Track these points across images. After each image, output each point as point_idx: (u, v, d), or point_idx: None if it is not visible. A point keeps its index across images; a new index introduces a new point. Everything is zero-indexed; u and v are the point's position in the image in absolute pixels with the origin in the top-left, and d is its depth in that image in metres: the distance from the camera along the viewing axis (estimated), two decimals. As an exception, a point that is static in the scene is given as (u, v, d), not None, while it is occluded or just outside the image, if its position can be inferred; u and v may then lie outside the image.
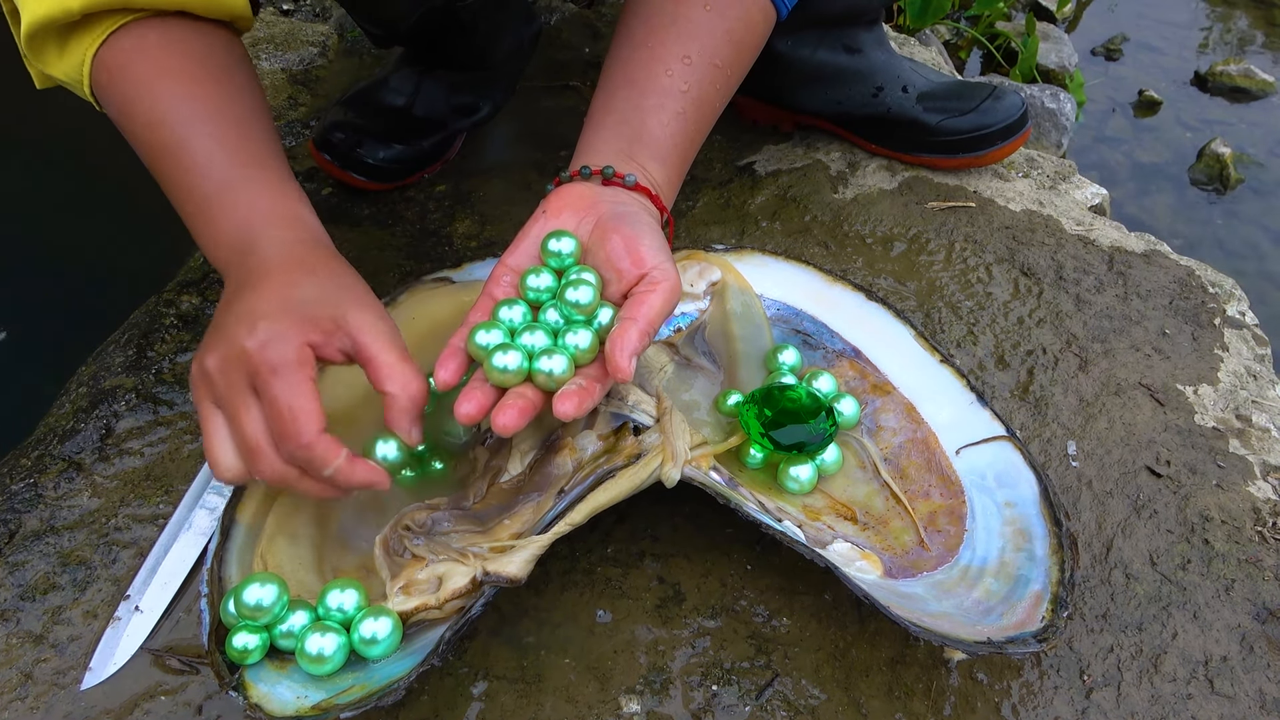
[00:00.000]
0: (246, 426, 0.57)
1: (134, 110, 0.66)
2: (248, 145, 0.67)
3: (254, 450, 0.57)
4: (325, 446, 0.57)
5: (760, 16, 0.75)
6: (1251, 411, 0.83)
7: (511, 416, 0.58)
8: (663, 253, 0.64)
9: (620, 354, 0.59)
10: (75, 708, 0.63)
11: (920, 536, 0.68)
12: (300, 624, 0.60)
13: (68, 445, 0.78)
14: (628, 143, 0.70)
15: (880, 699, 0.64)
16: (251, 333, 0.57)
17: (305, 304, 0.60)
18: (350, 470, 0.58)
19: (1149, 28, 2.02)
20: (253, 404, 0.58)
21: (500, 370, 0.60)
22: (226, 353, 0.58)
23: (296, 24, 1.29)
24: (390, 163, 1.00)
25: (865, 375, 0.77)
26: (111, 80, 0.66)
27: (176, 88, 0.66)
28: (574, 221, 0.67)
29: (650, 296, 0.61)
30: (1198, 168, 1.69)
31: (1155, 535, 0.73)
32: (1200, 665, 0.66)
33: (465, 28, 0.94)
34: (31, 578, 0.69)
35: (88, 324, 0.62)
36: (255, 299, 0.60)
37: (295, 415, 0.56)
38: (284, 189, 0.67)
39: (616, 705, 0.63)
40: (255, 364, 0.57)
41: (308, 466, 0.58)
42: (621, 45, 0.74)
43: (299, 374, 0.57)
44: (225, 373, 0.58)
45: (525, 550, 0.61)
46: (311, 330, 0.59)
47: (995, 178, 1.04)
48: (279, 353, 0.57)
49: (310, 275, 0.62)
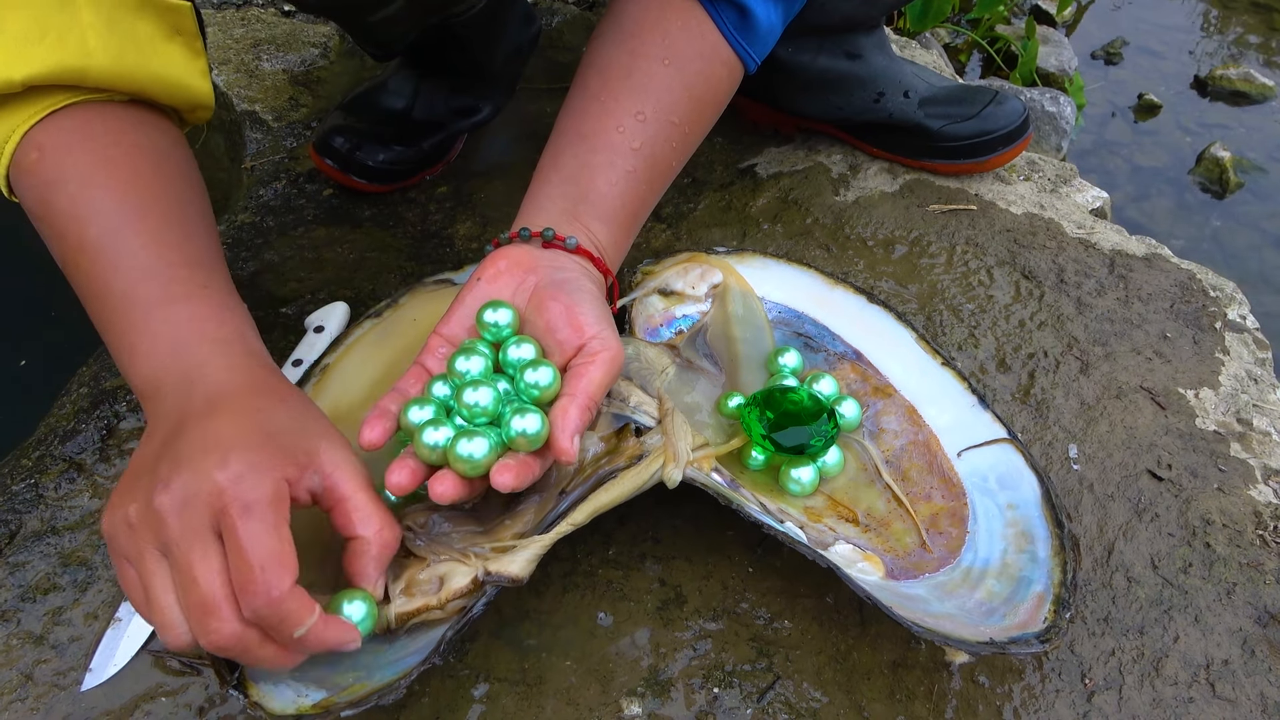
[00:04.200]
0: (202, 577, 0.48)
1: (58, 200, 0.58)
2: (188, 256, 0.59)
3: (209, 607, 0.48)
4: (299, 602, 0.49)
5: (724, 72, 0.72)
6: (1252, 415, 0.83)
7: (448, 486, 0.56)
8: (602, 320, 0.62)
9: (562, 434, 0.57)
10: (75, 709, 0.63)
11: (922, 538, 0.68)
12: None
13: (69, 445, 0.77)
14: (573, 202, 0.68)
15: (882, 702, 0.64)
16: (223, 465, 0.49)
17: (279, 435, 0.53)
18: (323, 629, 0.51)
19: (1149, 31, 2.02)
20: (213, 550, 0.49)
21: (430, 447, 0.58)
22: (188, 489, 0.49)
23: (298, 25, 1.29)
24: (391, 165, 1.00)
25: (867, 378, 0.77)
26: (41, 161, 0.58)
27: (113, 180, 0.59)
28: (510, 288, 0.64)
29: (590, 369, 0.60)
30: (1197, 171, 1.70)
31: (1156, 538, 0.73)
32: (1202, 669, 0.66)
33: (463, 41, 0.94)
34: (32, 578, 0.69)
35: (88, 324, 0.61)
36: (219, 426, 0.52)
37: (268, 563, 0.48)
38: (229, 305, 0.60)
39: (618, 708, 0.63)
40: (226, 500, 0.49)
41: (276, 626, 0.49)
42: (575, 97, 0.72)
43: (275, 514, 0.50)
44: (183, 512, 0.49)
45: (527, 550, 0.61)
46: (288, 465, 0.52)
47: (996, 181, 1.04)
48: (255, 488, 0.49)
49: (280, 403, 0.55)
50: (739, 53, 0.73)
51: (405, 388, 0.62)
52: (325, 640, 0.51)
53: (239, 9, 1.32)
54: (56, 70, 0.56)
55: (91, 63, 0.57)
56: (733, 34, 0.71)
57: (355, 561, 0.55)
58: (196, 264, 0.60)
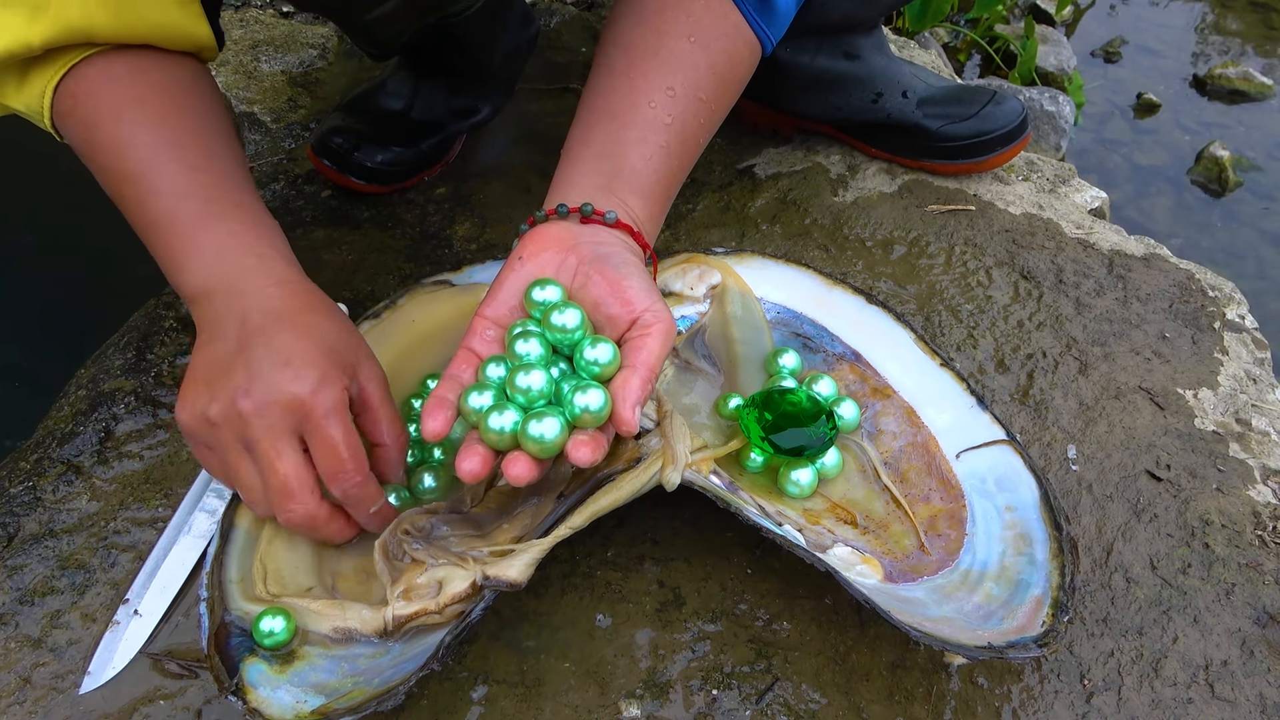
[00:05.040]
0: (283, 467, 0.59)
1: (97, 137, 0.65)
2: (220, 177, 0.67)
3: (288, 490, 0.59)
4: (375, 485, 0.62)
5: (746, 51, 0.73)
6: (1251, 415, 0.83)
7: (523, 468, 0.58)
8: (652, 293, 0.62)
9: (624, 405, 0.58)
10: (74, 712, 0.63)
11: (920, 540, 0.68)
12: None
13: (67, 448, 0.77)
14: (607, 178, 0.68)
15: (881, 703, 0.64)
16: (298, 378, 0.59)
17: (334, 349, 0.62)
18: (387, 510, 0.64)
19: (1148, 30, 2.02)
20: (290, 446, 0.59)
21: (497, 433, 0.58)
22: (266, 395, 0.59)
23: (296, 26, 1.29)
24: (389, 165, 1.00)
25: (865, 379, 0.77)
26: (76, 107, 0.65)
27: (143, 115, 0.65)
28: (554, 266, 0.64)
29: (648, 341, 0.60)
30: (1196, 171, 1.70)
31: (1155, 539, 0.73)
32: (1201, 670, 0.66)
33: (460, 41, 0.94)
34: (30, 581, 0.69)
35: (87, 326, 0.62)
36: (286, 342, 0.61)
37: (354, 454, 0.60)
38: (262, 220, 0.68)
39: (616, 709, 0.63)
40: (309, 409, 0.59)
41: (357, 503, 0.62)
42: (601, 75, 0.72)
43: (348, 417, 0.61)
44: (264, 415, 0.59)
45: (526, 554, 0.61)
46: (345, 375, 0.62)
47: (995, 181, 1.04)
48: (329, 397, 0.60)
49: (328, 319, 0.65)
50: (758, 33, 0.74)
51: (458, 374, 0.62)
52: (386, 518, 0.64)
53: (237, 10, 1.32)
54: (65, 32, 0.62)
55: (94, 22, 0.62)
56: (753, 14, 0.72)
57: (381, 464, 0.65)
58: (229, 184, 0.67)
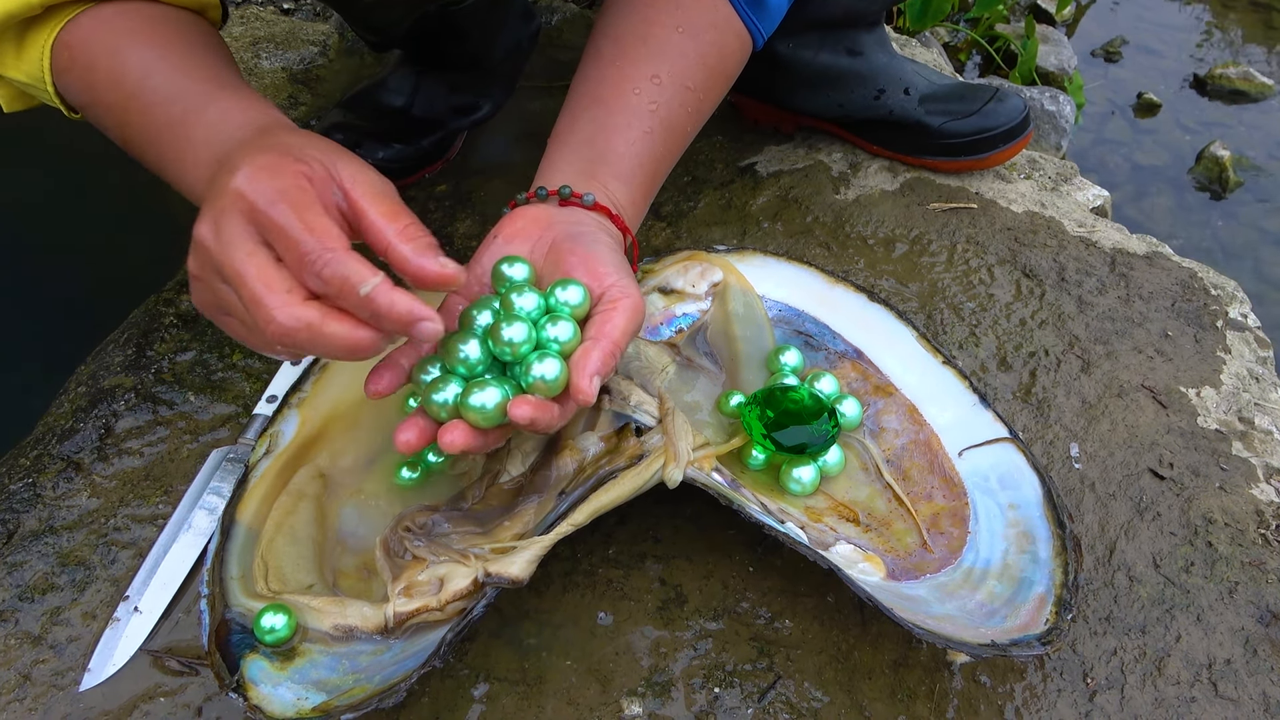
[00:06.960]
0: (247, 274, 0.49)
1: (96, 78, 0.63)
2: (213, 73, 0.63)
3: (257, 300, 0.49)
4: (360, 262, 0.49)
5: (736, 43, 0.73)
6: (1254, 414, 0.83)
7: (457, 435, 0.56)
8: (621, 270, 0.62)
9: (581, 375, 0.56)
10: (74, 709, 0.62)
11: (923, 538, 0.68)
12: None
13: (67, 445, 0.77)
14: (590, 162, 0.68)
15: (883, 701, 0.64)
16: (235, 175, 0.51)
17: (291, 149, 0.54)
18: (391, 289, 0.49)
19: (1148, 30, 2.02)
20: (249, 249, 0.50)
21: (439, 404, 0.57)
22: (215, 209, 0.51)
23: (297, 23, 1.29)
24: (390, 162, 1.00)
25: (867, 376, 0.77)
26: (73, 56, 0.64)
27: (137, 42, 0.63)
28: (528, 245, 0.64)
29: (613, 315, 0.59)
30: (1197, 170, 1.70)
31: (1158, 538, 0.73)
32: (1204, 668, 0.66)
33: (460, 31, 0.94)
34: (30, 578, 0.69)
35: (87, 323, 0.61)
36: (235, 159, 0.53)
37: (315, 230, 0.49)
38: (254, 98, 0.63)
39: (618, 707, 0.63)
40: (250, 200, 0.50)
41: (341, 288, 0.48)
42: (589, 64, 0.72)
43: (303, 197, 0.50)
44: (218, 232, 0.50)
45: (527, 551, 0.60)
46: (301, 165, 0.52)
47: (997, 179, 1.04)
48: (274, 181, 0.50)
49: (293, 133, 0.58)
50: (749, 26, 0.74)
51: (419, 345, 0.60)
52: (395, 304, 0.49)
53: (238, 7, 1.32)
54: None
55: None
56: (743, 8, 0.73)
57: (398, 266, 0.53)
58: (222, 77, 0.64)
